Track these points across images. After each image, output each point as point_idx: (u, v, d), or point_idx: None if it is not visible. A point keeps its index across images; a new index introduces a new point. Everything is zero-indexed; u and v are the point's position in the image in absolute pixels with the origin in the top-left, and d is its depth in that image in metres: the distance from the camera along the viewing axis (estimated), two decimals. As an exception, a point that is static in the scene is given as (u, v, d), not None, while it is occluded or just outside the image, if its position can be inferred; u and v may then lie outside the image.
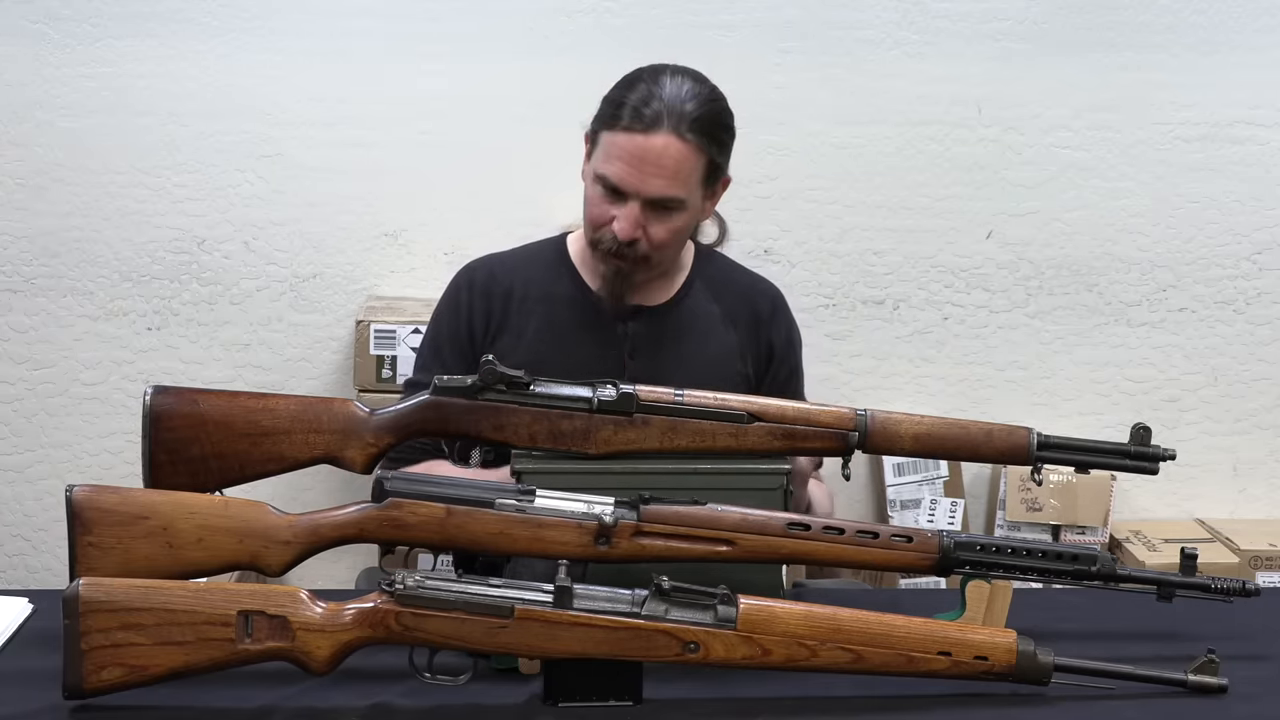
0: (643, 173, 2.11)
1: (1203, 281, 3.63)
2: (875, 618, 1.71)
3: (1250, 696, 1.75)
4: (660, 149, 2.11)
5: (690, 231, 2.27)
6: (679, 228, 2.19)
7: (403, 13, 3.44)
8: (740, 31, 3.49)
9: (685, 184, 2.14)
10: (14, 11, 3.40)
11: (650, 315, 2.28)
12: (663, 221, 2.15)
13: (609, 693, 1.69)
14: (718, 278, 2.36)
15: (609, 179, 2.14)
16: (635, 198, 2.13)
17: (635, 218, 2.13)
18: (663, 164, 2.11)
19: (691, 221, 2.22)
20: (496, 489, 1.76)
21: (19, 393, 3.53)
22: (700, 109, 2.13)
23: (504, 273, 2.32)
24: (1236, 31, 3.54)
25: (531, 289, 2.29)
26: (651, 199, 2.13)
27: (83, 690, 1.64)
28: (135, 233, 3.48)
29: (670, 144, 2.11)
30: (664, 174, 2.12)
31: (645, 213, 2.14)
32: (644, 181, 2.12)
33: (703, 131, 2.13)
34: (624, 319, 2.27)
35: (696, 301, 2.32)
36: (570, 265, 2.32)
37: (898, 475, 3.56)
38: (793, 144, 3.54)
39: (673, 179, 2.12)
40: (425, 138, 3.48)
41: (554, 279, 2.31)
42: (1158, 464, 1.91)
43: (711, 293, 2.33)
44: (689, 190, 2.15)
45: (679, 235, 2.21)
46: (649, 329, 2.27)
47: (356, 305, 3.50)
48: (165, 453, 1.86)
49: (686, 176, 2.14)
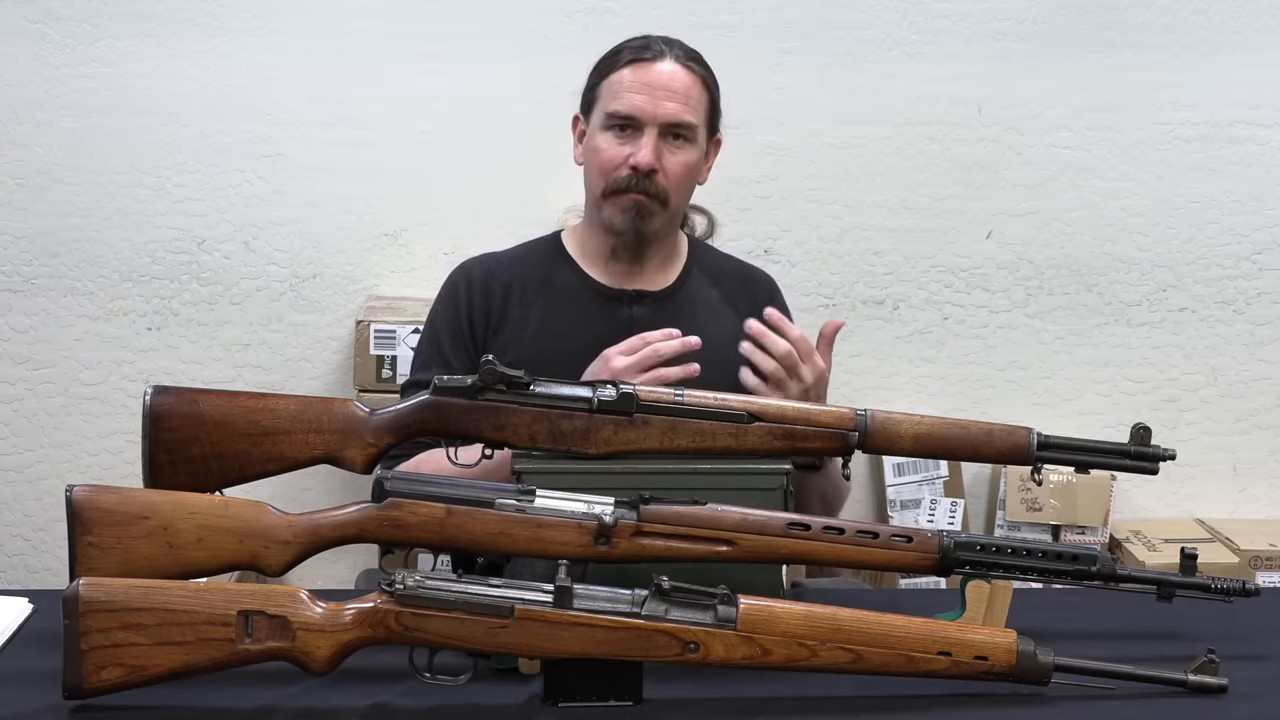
0: (655, 98, 2.19)
1: (1203, 281, 3.63)
2: (875, 618, 1.71)
3: (1250, 696, 1.75)
4: (670, 74, 2.21)
5: (695, 179, 2.29)
6: (690, 163, 2.23)
7: (403, 13, 3.44)
8: (740, 31, 3.49)
9: (696, 112, 2.22)
10: (14, 11, 3.40)
11: (654, 299, 2.30)
12: (675, 154, 2.21)
13: (609, 693, 1.68)
14: (713, 265, 2.39)
15: (621, 112, 2.20)
16: (651, 124, 2.19)
17: (653, 144, 2.19)
18: (674, 88, 2.20)
19: (698, 164, 2.26)
20: (496, 489, 1.76)
21: (19, 393, 3.53)
22: (694, 51, 2.26)
23: (501, 269, 2.33)
24: (1236, 31, 3.55)
25: (530, 282, 2.30)
26: (666, 123, 2.19)
27: (83, 690, 1.64)
28: (135, 233, 3.48)
29: (678, 70, 2.22)
30: (675, 98, 2.20)
31: (660, 143, 2.19)
32: (658, 105, 2.19)
33: (701, 66, 2.25)
34: (628, 303, 2.29)
35: (696, 286, 2.34)
36: (568, 256, 2.33)
37: (898, 475, 3.56)
38: (793, 144, 3.54)
39: (684, 103, 2.21)
40: (425, 138, 3.48)
41: (552, 271, 2.32)
42: (1158, 464, 1.91)
43: (709, 279, 2.36)
44: (699, 120, 2.23)
45: (690, 173, 2.24)
46: (654, 312, 2.28)
47: (356, 305, 3.50)
48: (165, 453, 1.86)
49: (696, 104, 2.22)
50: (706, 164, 2.31)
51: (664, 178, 2.20)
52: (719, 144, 2.33)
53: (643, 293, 2.30)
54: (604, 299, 2.29)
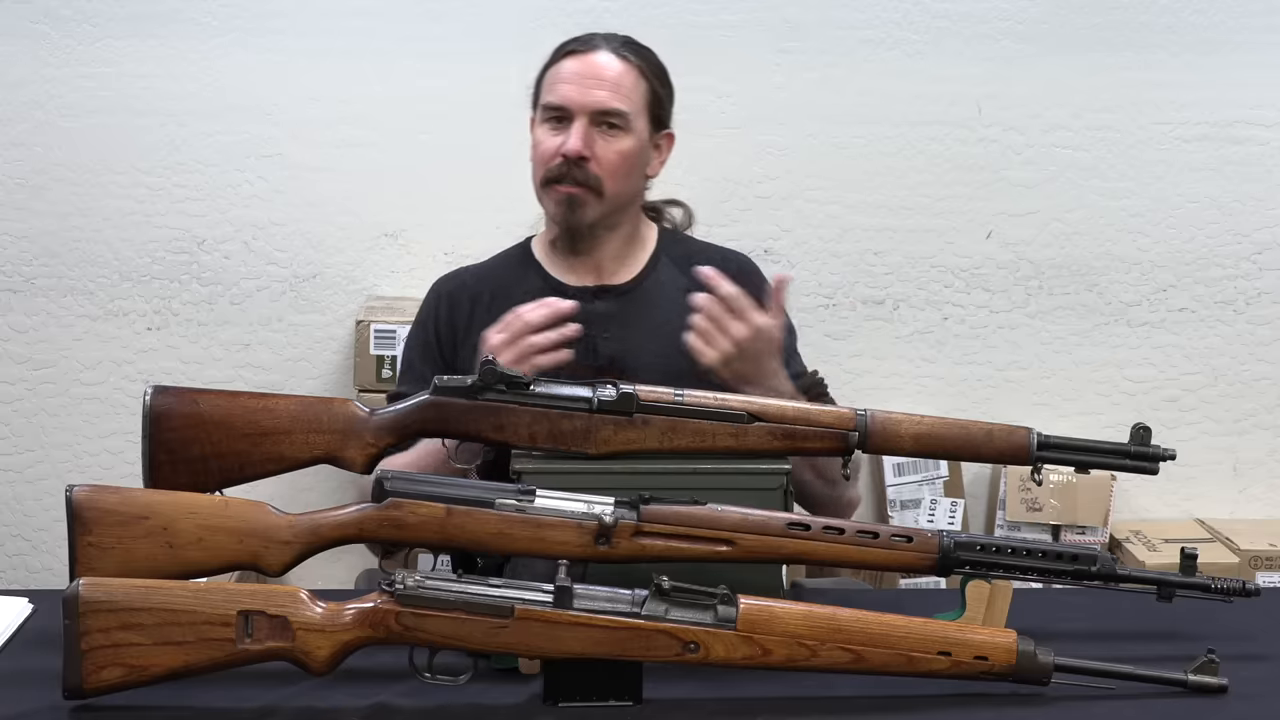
0: (584, 86, 2.22)
1: (1203, 281, 3.63)
2: (875, 618, 1.71)
3: (1250, 696, 1.75)
4: (601, 63, 2.24)
5: (638, 168, 2.28)
6: (625, 151, 2.23)
7: (403, 13, 3.44)
8: (740, 31, 3.49)
9: (628, 99, 2.23)
10: (14, 11, 3.40)
11: (616, 294, 2.30)
12: (609, 141, 2.22)
13: (609, 693, 1.68)
14: (684, 253, 2.36)
15: (553, 103, 2.23)
16: (581, 112, 2.21)
17: (582, 132, 2.21)
18: (604, 76, 2.23)
19: (638, 153, 2.26)
20: (496, 489, 1.76)
21: (19, 393, 3.53)
22: (634, 43, 2.28)
23: (473, 281, 2.36)
24: (1236, 31, 3.55)
25: (498, 291, 2.31)
26: (597, 111, 2.21)
27: (83, 690, 1.64)
28: (135, 233, 3.49)
29: (609, 59, 2.25)
30: (605, 86, 2.22)
31: (591, 130, 2.21)
32: (586, 94, 2.22)
33: (640, 57, 2.27)
34: (591, 299, 2.28)
35: (664, 275, 2.33)
36: (535, 262, 2.35)
37: (898, 475, 3.56)
38: (793, 144, 3.54)
39: (615, 91, 2.22)
40: (425, 138, 3.48)
41: (520, 278, 2.33)
42: (1158, 464, 1.91)
43: (679, 267, 2.33)
44: (633, 107, 2.23)
45: (627, 162, 2.24)
46: (617, 307, 2.28)
47: (356, 305, 3.50)
48: (165, 453, 1.86)
49: (629, 92, 2.24)
50: (658, 157, 2.32)
51: (596, 165, 2.21)
52: (671, 138, 2.33)
53: (605, 287, 2.30)
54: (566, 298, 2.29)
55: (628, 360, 2.22)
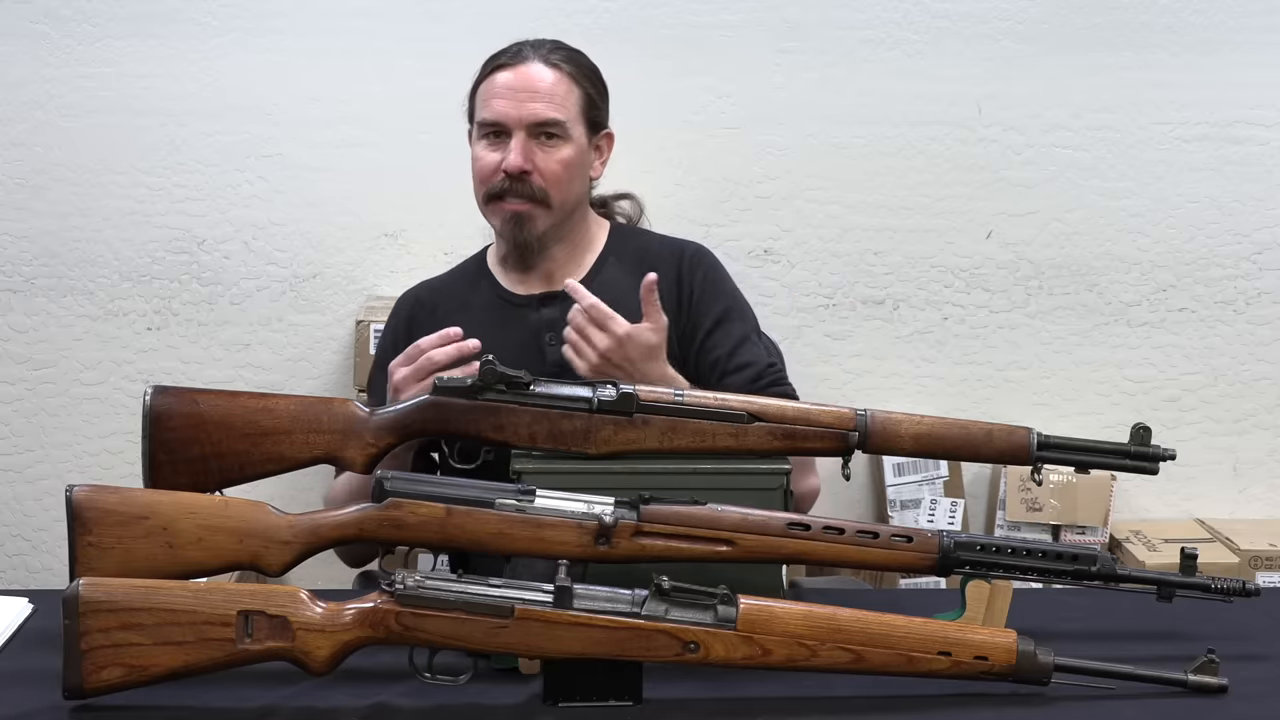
0: (518, 99, 2.21)
1: (1203, 281, 3.63)
2: (875, 618, 1.71)
3: (1250, 696, 1.75)
4: (533, 75, 2.23)
5: (581, 174, 2.27)
6: (566, 159, 2.23)
7: (403, 13, 3.44)
8: (740, 31, 3.49)
9: (563, 108, 2.23)
10: (14, 11, 3.40)
11: (564, 298, 2.26)
12: (549, 152, 2.22)
13: (609, 693, 1.68)
14: (634, 250, 2.35)
15: (488, 119, 2.23)
16: (518, 128, 2.21)
17: (521, 147, 2.20)
18: (537, 88, 2.22)
19: (579, 161, 2.25)
20: (496, 489, 1.76)
21: (19, 393, 3.53)
22: (563, 48, 2.28)
23: (430, 295, 2.36)
24: (1236, 31, 3.55)
25: (453, 303, 2.32)
26: (533, 123, 2.20)
27: (83, 690, 1.64)
28: (135, 233, 3.49)
29: (540, 70, 2.24)
30: (539, 98, 2.22)
31: (530, 143, 2.21)
32: (521, 108, 2.21)
33: (571, 63, 2.26)
34: (537, 307, 2.27)
35: (610, 276, 2.30)
36: (488, 272, 2.35)
37: (898, 475, 3.56)
38: (793, 144, 3.54)
39: (549, 101, 2.22)
40: (425, 138, 3.48)
41: (472, 288, 2.34)
42: (1158, 464, 1.91)
43: (627, 266, 2.31)
44: (568, 115, 2.23)
45: (569, 170, 2.23)
46: (563, 312, 2.25)
47: (356, 305, 3.50)
48: (165, 453, 1.86)
49: (563, 100, 2.23)
50: (599, 158, 2.32)
51: (539, 177, 2.21)
52: (611, 138, 2.33)
53: (551, 294, 2.28)
54: (514, 307, 2.29)
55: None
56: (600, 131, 2.31)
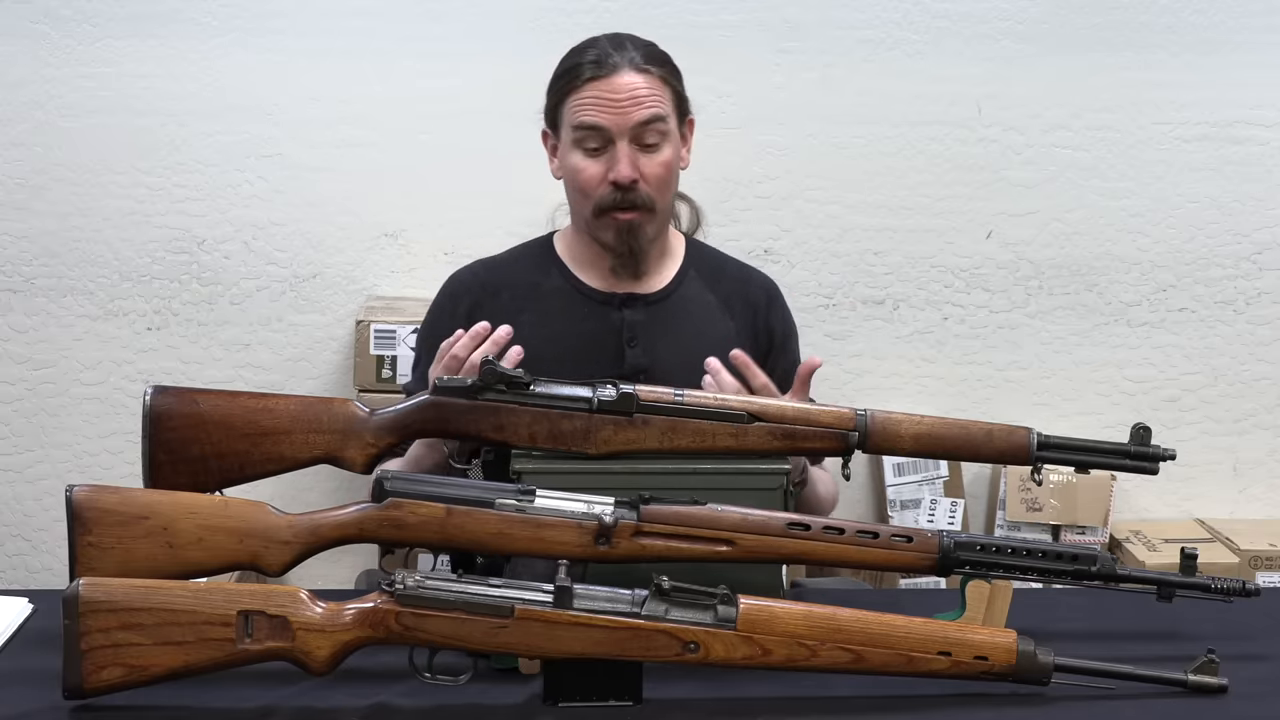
0: (621, 106, 2.17)
1: (1203, 281, 3.63)
2: (875, 618, 1.71)
3: (1250, 696, 1.75)
4: (630, 84, 2.19)
5: (678, 173, 2.27)
6: (668, 161, 2.21)
7: (403, 13, 3.44)
8: (740, 31, 3.49)
9: (662, 106, 2.21)
10: (14, 11, 3.40)
11: (647, 303, 2.28)
12: (653, 156, 2.20)
13: (609, 693, 1.69)
14: (711, 266, 2.37)
15: (591, 126, 2.19)
16: (622, 136, 2.18)
17: (629, 155, 2.17)
18: (637, 94, 2.18)
19: (676, 159, 2.25)
20: (496, 489, 1.76)
21: (19, 393, 3.53)
22: (646, 47, 2.25)
23: (491, 274, 2.32)
24: (1236, 31, 3.54)
25: (520, 286, 2.29)
26: (637, 126, 2.17)
27: (83, 690, 1.64)
28: (135, 233, 3.48)
29: (636, 78, 2.20)
30: (641, 104, 2.18)
31: (634, 151, 2.18)
32: (625, 115, 2.17)
33: (658, 62, 2.24)
34: (619, 306, 2.27)
35: (692, 289, 2.32)
36: (558, 260, 2.32)
37: (898, 475, 3.56)
38: (793, 144, 3.54)
39: (652, 107, 2.19)
40: (425, 138, 3.48)
41: (542, 274, 2.31)
42: (1158, 464, 1.91)
43: (706, 281, 2.33)
44: (668, 113, 2.21)
45: (670, 172, 2.22)
46: (647, 316, 2.27)
47: (356, 305, 3.50)
48: (165, 453, 1.86)
49: (661, 102, 2.21)
50: (685, 147, 2.30)
51: (646, 184, 2.19)
52: (693, 124, 2.32)
53: (634, 296, 2.28)
54: (594, 303, 2.28)
55: (655, 373, 2.16)
56: (685, 120, 2.29)
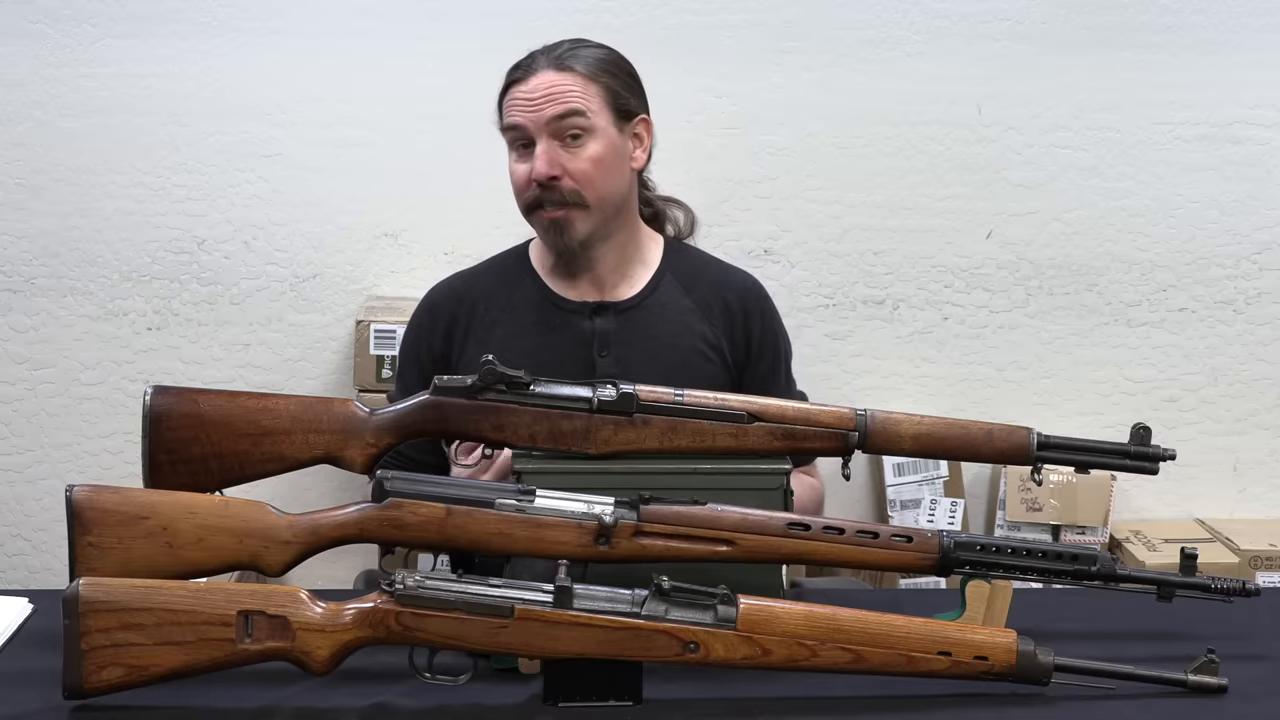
0: (534, 104, 2.18)
1: (1203, 281, 3.63)
2: (875, 618, 1.71)
3: (1250, 696, 1.75)
4: (545, 82, 2.19)
5: (616, 169, 2.23)
6: (595, 157, 2.19)
7: (403, 13, 3.44)
8: (740, 31, 3.49)
9: (581, 102, 2.19)
10: (14, 11, 3.40)
11: (618, 311, 2.27)
12: (576, 152, 2.18)
13: (609, 693, 1.69)
14: (689, 270, 2.34)
15: (509, 128, 2.21)
16: (540, 133, 2.18)
17: (546, 153, 2.17)
18: (551, 92, 2.18)
19: (610, 154, 2.21)
20: (496, 489, 1.76)
21: (19, 393, 3.53)
22: (577, 47, 2.24)
23: (465, 288, 2.33)
24: (1236, 31, 3.54)
25: (494, 298, 2.30)
26: (552, 121, 2.17)
27: (83, 690, 1.64)
28: (135, 233, 3.48)
29: (552, 75, 2.20)
30: (553, 100, 2.18)
31: (555, 148, 2.18)
32: (538, 111, 2.18)
33: (583, 60, 2.22)
34: (590, 315, 2.26)
35: (667, 295, 2.30)
36: (531, 269, 2.32)
37: (898, 475, 3.56)
38: (793, 144, 3.54)
39: (564, 100, 2.18)
40: (425, 138, 3.48)
41: (516, 284, 2.31)
42: (1158, 464, 1.91)
43: (683, 284, 2.32)
44: (588, 111, 2.19)
45: (600, 166, 2.20)
46: (618, 325, 2.26)
47: (356, 305, 3.50)
48: (165, 453, 1.86)
49: (579, 96, 2.19)
50: (640, 147, 2.27)
51: (569, 180, 2.18)
52: (648, 123, 2.28)
53: (605, 304, 2.27)
54: (565, 312, 2.27)
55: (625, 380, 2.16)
56: (634, 119, 2.25)
